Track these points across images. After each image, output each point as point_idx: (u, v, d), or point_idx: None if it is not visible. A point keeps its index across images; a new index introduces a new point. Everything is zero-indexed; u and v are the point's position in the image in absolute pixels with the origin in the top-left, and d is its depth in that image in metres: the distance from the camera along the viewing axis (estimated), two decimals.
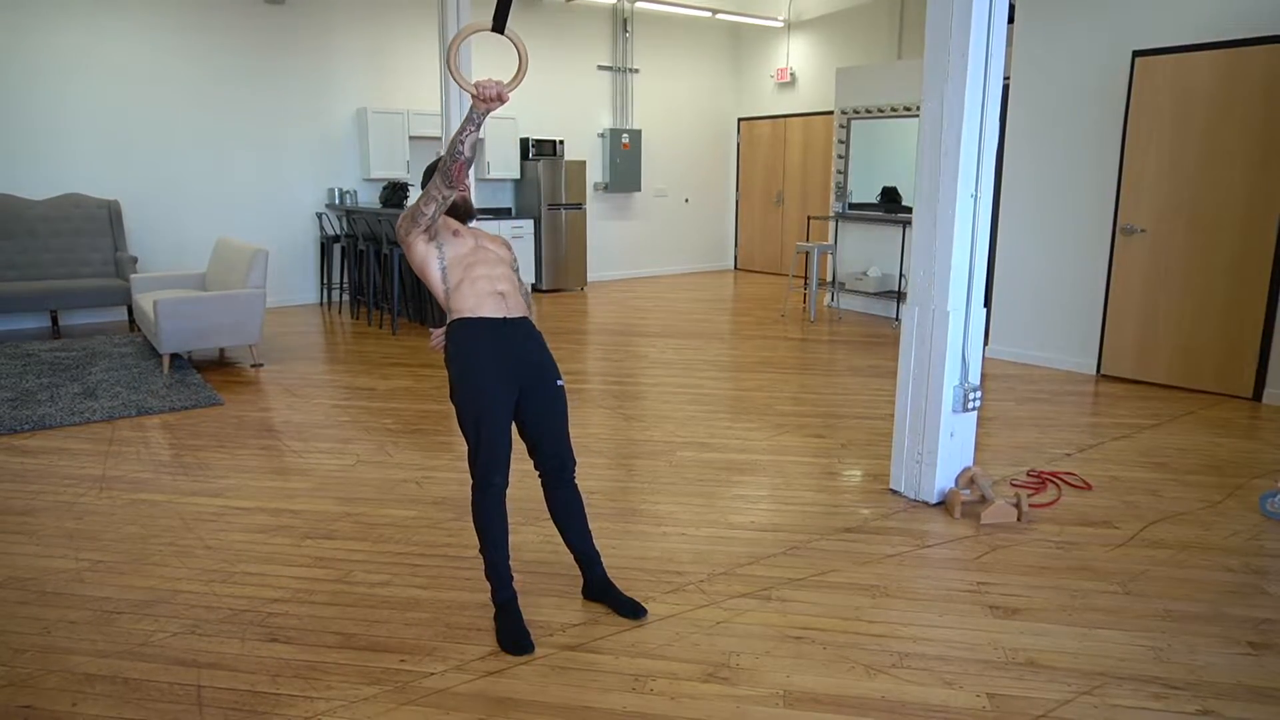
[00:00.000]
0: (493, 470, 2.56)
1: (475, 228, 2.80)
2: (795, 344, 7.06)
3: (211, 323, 5.85)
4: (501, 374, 2.55)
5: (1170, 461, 4.20)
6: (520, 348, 2.61)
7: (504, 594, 2.62)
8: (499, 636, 2.56)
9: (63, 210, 7.35)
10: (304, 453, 4.31)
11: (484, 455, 2.54)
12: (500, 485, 2.58)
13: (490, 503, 2.58)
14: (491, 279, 2.61)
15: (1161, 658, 2.49)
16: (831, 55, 10.35)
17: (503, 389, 2.55)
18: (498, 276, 2.63)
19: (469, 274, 2.59)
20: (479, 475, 2.56)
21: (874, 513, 3.58)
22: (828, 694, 2.31)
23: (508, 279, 2.67)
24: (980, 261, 3.55)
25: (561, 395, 2.69)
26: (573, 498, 2.75)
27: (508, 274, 2.68)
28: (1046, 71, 6.00)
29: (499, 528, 2.60)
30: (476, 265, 2.62)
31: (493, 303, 2.58)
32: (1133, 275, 5.67)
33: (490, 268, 2.64)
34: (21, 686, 2.34)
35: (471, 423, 2.54)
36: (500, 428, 2.54)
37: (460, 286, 2.59)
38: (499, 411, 2.54)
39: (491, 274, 2.62)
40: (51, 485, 3.84)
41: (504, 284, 2.64)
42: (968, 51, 3.32)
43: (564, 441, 2.71)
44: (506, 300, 2.62)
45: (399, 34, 9.07)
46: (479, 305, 2.57)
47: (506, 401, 2.57)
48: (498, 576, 2.62)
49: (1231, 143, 5.14)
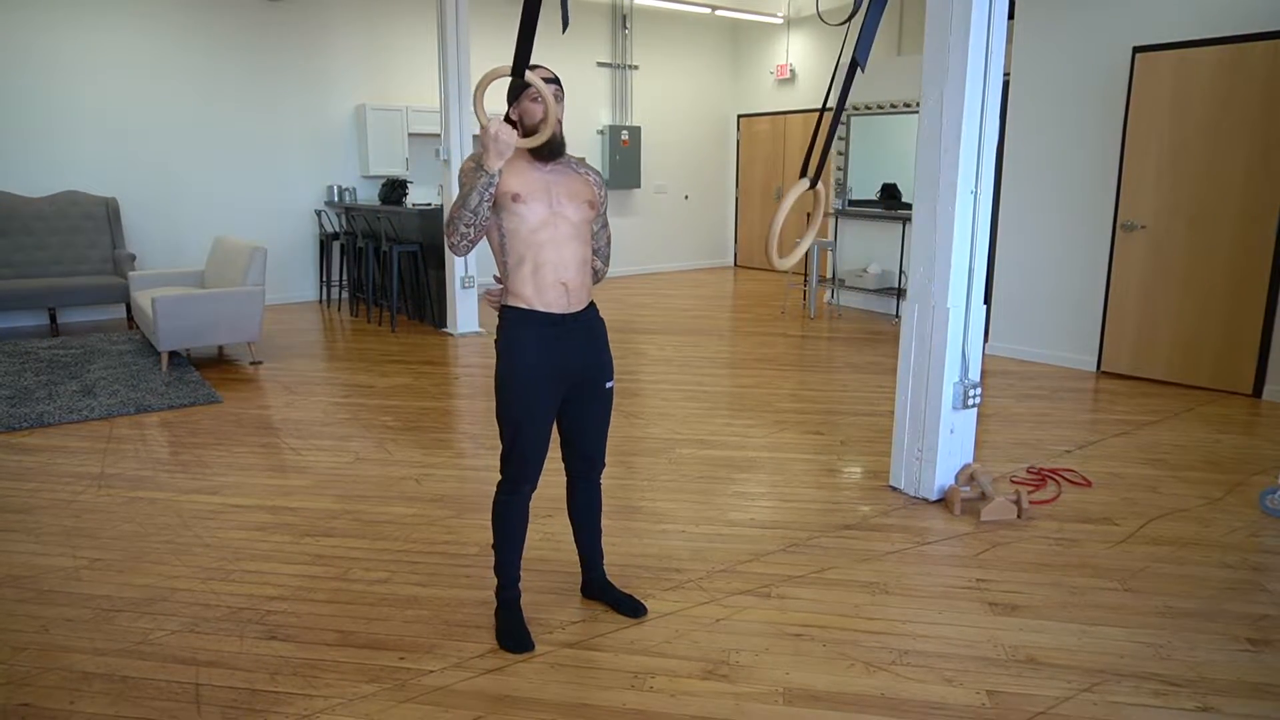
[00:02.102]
0: (524, 478, 2.45)
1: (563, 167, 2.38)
2: (795, 341, 7.06)
3: (210, 320, 5.84)
4: (552, 377, 2.38)
5: (1170, 458, 4.20)
6: (577, 348, 2.41)
7: (509, 591, 2.57)
8: (499, 633, 2.53)
9: (61, 208, 7.34)
10: (303, 450, 4.30)
11: (517, 460, 2.42)
12: (528, 492, 2.49)
13: (516, 506, 2.50)
14: (558, 265, 2.31)
15: (1161, 654, 2.49)
16: (831, 52, 10.34)
17: (550, 394, 2.40)
18: (566, 261, 2.32)
19: (533, 257, 2.30)
20: (508, 476, 2.46)
21: (873, 510, 3.58)
22: (827, 691, 2.31)
23: (575, 262, 2.35)
24: (980, 258, 3.55)
25: (608, 398, 2.54)
26: (594, 497, 2.68)
27: (576, 255, 2.35)
28: (1046, 67, 5.99)
29: (518, 529, 2.52)
30: (545, 247, 2.30)
31: (554, 295, 2.33)
32: (1133, 272, 5.66)
33: (559, 249, 2.31)
34: (20, 684, 2.33)
35: (510, 425, 2.40)
36: (540, 435, 2.41)
37: (522, 268, 2.32)
38: (541, 418, 2.40)
39: (559, 258, 2.31)
40: (50, 483, 3.83)
41: (571, 270, 2.34)
42: (967, 47, 3.31)
43: (600, 444, 2.60)
44: (570, 293, 2.35)
45: (398, 30, 9.06)
46: (538, 296, 2.33)
47: (551, 406, 2.42)
48: (506, 574, 2.56)
49: (1232, 139, 5.14)
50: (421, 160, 9.22)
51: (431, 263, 7.61)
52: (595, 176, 2.47)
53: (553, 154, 2.32)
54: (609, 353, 2.54)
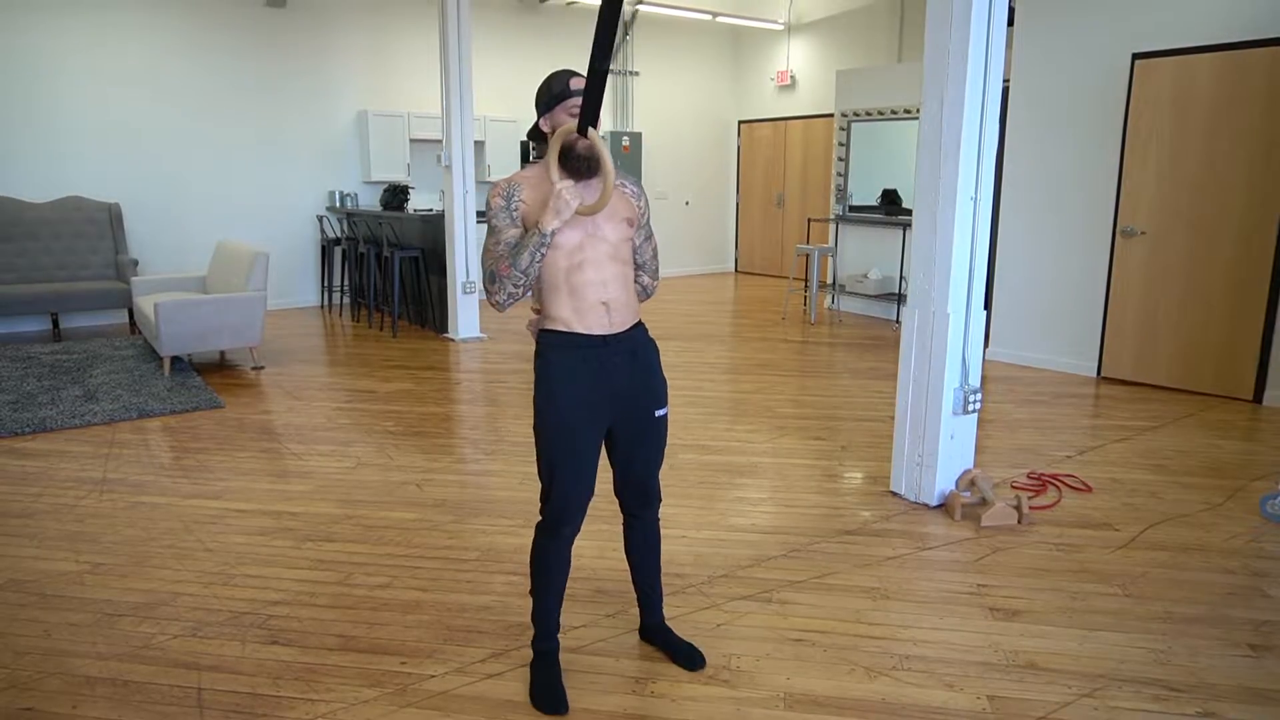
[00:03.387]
0: (564, 520, 2.22)
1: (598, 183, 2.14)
2: (795, 346, 7.07)
3: (212, 325, 5.85)
4: (593, 405, 2.17)
5: (1170, 463, 4.20)
6: (622, 373, 2.19)
7: (546, 643, 2.35)
8: (532, 690, 2.29)
9: (63, 213, 7.36)
10: (304, 455, 4.31)
11: (557, 501, 2.20)
12: (569, 535, 2.25)
13: (556, 550, 2.27)
14: (597, 285, 2.14)
15: (1162, 660, 2.49)
16: (831, 58, 10.36)
17: (592, 426, 2.18)
18: (605, 281, 2.15)
19: (571, 279, 2.13)
20: (548, 519, 2.24)
21: (874, 515, 3.58)
22: (828, 696, 2.31)
23: (617, 280, 2.17)
24: (980, 264, 3.55)
25: (660, 427, 2.31)
26: (650, 534, 2.44)
27: (618, 275, 2.18)
28: (1046, 74, 6.00)
29: (558, 575, 2.30)
30: (583, 267, 2.13)
31: (595, 316, 2.14)
32: (1133, 277, 5.67)
33: (597, 270, 2.14)
34: (23, 689, 2.34)
35: (547, 462, 2.19)
36: (582, 471, 2.18)
37: (557, 290, 2.14)
38: (583, 452, 2.18)
39: (598, 278, 2.14)
40: (52, 488, 3.84)
41: (613, 289, 2.16)
42: (967, 54, 3.32)
43: (653, 477, 2.36)
44: (611, 312, 2.16)
45: (400, 36, 9.09)
46: (577, 318, 2.14)
47: (595, 439, 2.21)
48: (544, 624, 2.33)
49: (1231, 145, 5.15)
50: (423, 166, 9.24)
51: (433, 268, 7.62)
52: (634, 189, 2.27)
53: (589, 170, 2.09)
54: (661, 377, 2.31)
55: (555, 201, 2.02)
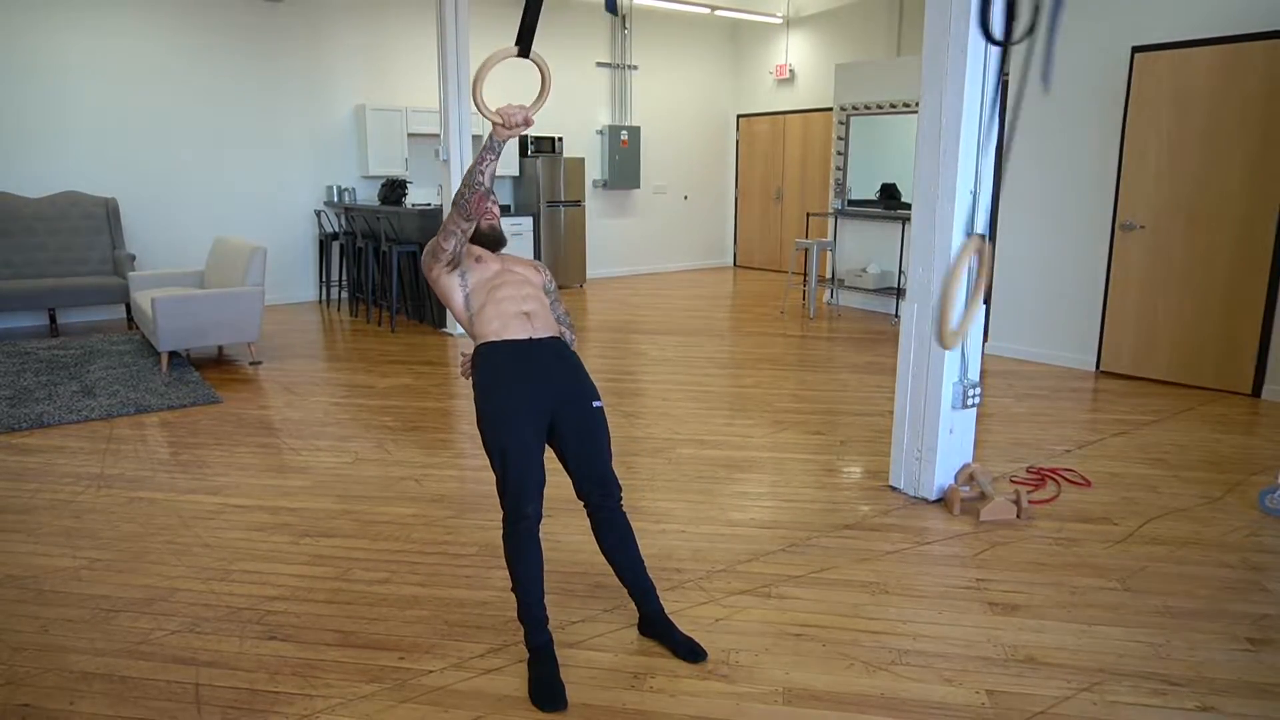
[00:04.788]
0: (523, 501, 2.33)
1: (506, 254, 2.68)
2: (794, 341, 7.06)
3: (210, 321, 5.84)
4: (528, 398, 2.37)
5: (1169, 458, 4.20)
6: (549, 369, 2.44)
7: (537, 638, 2.37)
8: (530, 688, 2.29)
9: (60, 208, 7.34)
10: (302, 450, 4.30)
11: (511, 485, 2.33)
12: (533, 517, 2.35)
13: (522, 538, 2.35)
14: (516, 299, 2.49)
15: (1161, 654, 2.49)
16: (831, 51, 10.34)
17: (530, 415, 2.36)
18: (524, 296, 2.51)
19: (492, 296, 2.48)
20: (508, 507, 2.35)
21: (873, 509, 3.58)
22: (827, 691, 2.31)
23: (535, 298, 2.54)
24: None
25: (599, 417, 2.47)
26: (621, 526, 2.50)
27: (535, 294, 2.56)
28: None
29: (533, 565, 2.36)
30: (501, 288, 2.50)
31: (518, 324, 2.45)
32: (1132, 271, 5.66)
33: (515, 288, 2.51)
34: (20, 685, 2.33)
35: (497, 452, 2.34)
36: (528, 456, 2.33)
37: (484, 310, 2.47)
38: (526, 438, 2.34)
39: (517, 294, 2.50)
40: (49, 483, 3.83)
41: (531, 303, 2.51)
42: (966, 47, 3.31)
43: (605, 466, 2.47)
44: (533, 320, 2.47)
45: (397, 31, 9.06)
46: (503, 328, 2.44)
47: (535, 427, 2.37)
48: (531, 619, 2.37)
49: (1231, 139, 5.14)
50: (421, 161, 9.22)
51: None
52: (539, 263, 2.76)
53: (496, 244, 2.65)
54: (587, 376, 2.53)
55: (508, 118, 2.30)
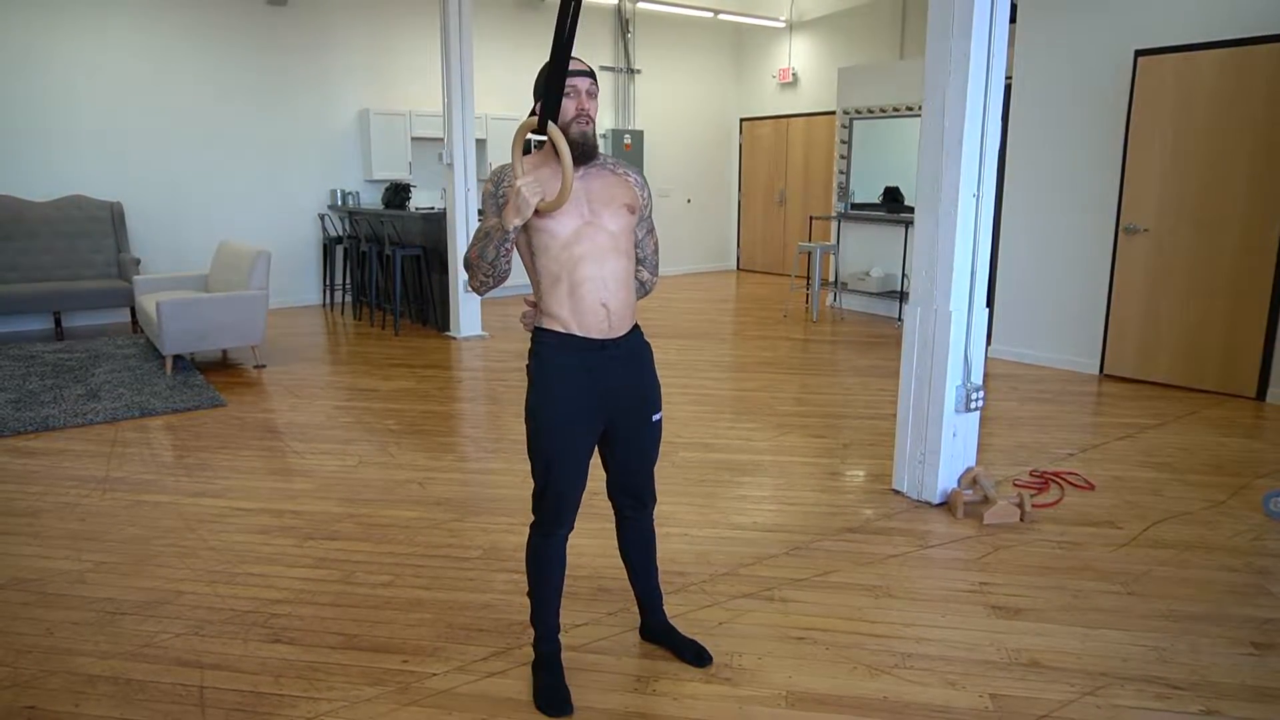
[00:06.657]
0: (558, 522, 2.22)
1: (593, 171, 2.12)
2: (797, 344, 7.06)
3: (214, 324, 5.85)
4: (588, 410, 2.14)
5: (1173, 461, 4.19)
6: (618, 377, 2.17)
7: (547, 645, 2.33)
8: (536, 693, 2.27)
9: (65, 212, 7.36)
10: (306, 454, 4.31)
11: (550, 501, 2.19)
12: (564, 536, 2.26)
13: (550, 550, 2.26)
14: (598, 282, 2.07)
15: (1165, 658, 2.49)
16: (833, 55, 10.35)
17: (586, 429, 2.16)
18: (607, 277, 2.08)
19: (570, 275, 2.07)
20: (543, 520, 2.23)
21: (876, 513, 3.58)
22: (830, 694, 2.31)
23: (617, 278, 2.10)
24: (982, 261, 3.55)
25: (655, 432, 2.30)
26: (644, 533, 2.43)
27: (619, 270, 2.11)
28: (1048, 71, 5.99)
29: (554, 575, 2.28)
30: (583, 262, 2.06)
31: (593, 319, 2.09)
32: (1135, 275, 5.66)
33: (599, 264, 2.07)
34: (25, 687, 2.34)
35: (541, 463, 2.16)
36: (576, 473, 2.17)
37: (558, 287, 2.08)
38: (577, 455, 2.16)
39: (599, 274, 2.07)
40: (55, 486, 3.85)
41: (613, 286, 2.10)
42: (969, 51, 3.31)
43: (648, 479, 2.36)
44: (611, 315, 2.10)
45: (401, 35, 9.08)
46: (575, 319, 2.09)
47: (587, 443, 2.19)
48: (543, 625, 2.32)
49: (1234, 142, 5.13)
50: (425, 164, 9.24)
51: (434, 266, 7.62)
52: (635, 177, 2.21)
53: (585, 156, 2.06)
54: (656, 380, 2.29)
55: (515, 199, 1.95)
